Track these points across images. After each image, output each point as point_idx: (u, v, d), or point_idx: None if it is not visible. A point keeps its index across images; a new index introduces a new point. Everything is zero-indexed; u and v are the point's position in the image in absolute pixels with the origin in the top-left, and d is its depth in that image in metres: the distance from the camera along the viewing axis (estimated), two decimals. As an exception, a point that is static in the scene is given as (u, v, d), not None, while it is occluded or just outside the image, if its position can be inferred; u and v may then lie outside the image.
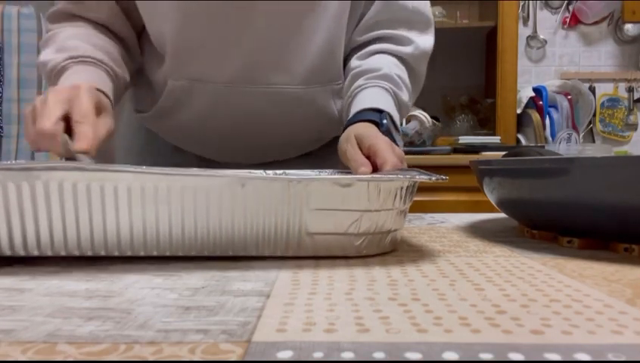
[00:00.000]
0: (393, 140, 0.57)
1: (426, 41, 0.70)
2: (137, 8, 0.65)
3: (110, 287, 0.30)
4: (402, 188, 0.38)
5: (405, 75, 0.68)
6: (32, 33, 1.93)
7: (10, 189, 0.34)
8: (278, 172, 0.56)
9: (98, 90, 0.54)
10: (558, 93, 2.27)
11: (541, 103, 2.19)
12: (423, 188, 1.76)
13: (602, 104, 2.37)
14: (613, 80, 2.36)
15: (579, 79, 2.32)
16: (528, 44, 2.35)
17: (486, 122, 2.26)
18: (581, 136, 2.30)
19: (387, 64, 0.67)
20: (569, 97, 2.27)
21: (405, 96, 0.67)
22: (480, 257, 0.39)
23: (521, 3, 2.32)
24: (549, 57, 2.36)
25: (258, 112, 0.68)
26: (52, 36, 0.62)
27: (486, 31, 2.24)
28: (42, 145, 0.48)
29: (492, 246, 0.44)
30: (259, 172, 0.44)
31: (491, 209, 0.63)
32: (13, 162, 0.52)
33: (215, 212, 0.35)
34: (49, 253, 0.36)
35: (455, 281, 0.31)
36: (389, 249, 0.41)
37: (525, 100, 2.19)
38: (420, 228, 0.54)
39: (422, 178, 0.38)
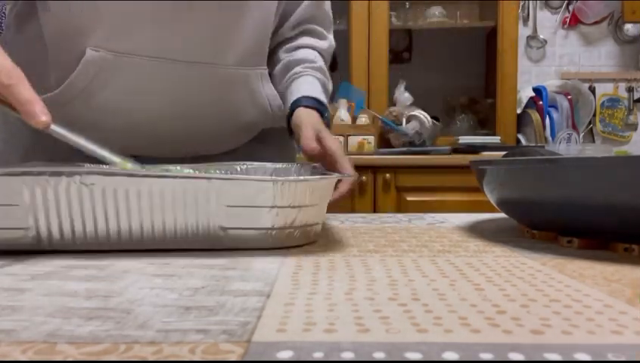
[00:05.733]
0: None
1: (332, 39, 0.80)
2: None
3: (110, 287, 0.30)
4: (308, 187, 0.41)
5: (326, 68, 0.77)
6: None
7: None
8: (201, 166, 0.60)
9: None
10: (558, 93, 2.27)
11: (541, 103, 2.19)
12: (423, 188, 1.77)
13: (602, 104, 2.37)
14: (613, 80, 2.36)
15: (579, 79, 2.32)
16: (528, 44, 2.35)
17: (486, 122, 2.26)
18: (581, 136, 2.30)
19: (316, 57, 0.75)
20: (569, 97, 2.27)
21: (330, 88, 0.75)
22: (480, 257, 0.39)
23: (521, 3, 2.31)
24: (549, 57, 2.36)
25: (188, 94, 0.64)
26: None
27: (486, 31, 2.24)
28: None
29: (492, 246, 0.44)
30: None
31: (491, 209, 0.63)
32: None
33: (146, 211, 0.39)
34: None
35: (455, 281, 0.31)
36: (303, 242, 0.43)
37: (525, 100, 2.19)
38: (420, 228, 0.54)
39: (332, 176, 0.44)
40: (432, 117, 1.94)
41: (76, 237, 0.39)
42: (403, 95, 2.11)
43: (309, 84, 0.70)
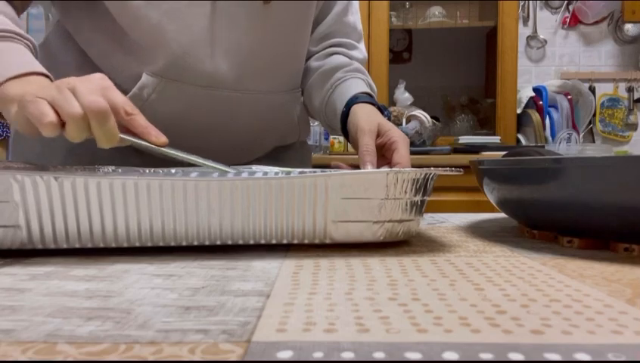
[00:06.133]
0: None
1: (364, 49, 0.79)
2: None
3: (110, 287, 0.30)
4: (416, 180, 0.41)
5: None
6: (40, 34, 1.94)
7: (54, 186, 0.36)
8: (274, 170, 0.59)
9: (46, 75, 0.47)
10: (558, 93, 2.27)
11: (541, 103, 2.19)
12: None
13: (602, 104, 2.37)
14: (613, 80, 2.36)
15: (579, 79, 2.32)
16: (528, 44, 2.35)
17: (486, 122, 2.26)
18: (581, 136, 2.30)
19: (351, 60, 0.74)
20: (569, 97, 2.27)
21: (375, 88, 0.74)
22: (480, 257, 0.39)
23: (521, 3, 2.32)
24: (549, 57, 2.36)
25: (233, 115, 0.68)
26: None
27: (486, 31, 2.24)
28: (85, 125, 0.41)
29: (492, 246, 0.44)
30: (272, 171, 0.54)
31: (491, 209, 0.63)
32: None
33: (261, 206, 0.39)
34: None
35: (455, 281, 0.31)
36: (401, 239, 0.43)
37: (525, 100, 2.19)
38: (420, 228, 0.54)
39: (437, 170, 0.43)
40: (432, 117, 1.94)
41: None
42: (403, 95, 2.11)
43: (357, 84, 0.70)
